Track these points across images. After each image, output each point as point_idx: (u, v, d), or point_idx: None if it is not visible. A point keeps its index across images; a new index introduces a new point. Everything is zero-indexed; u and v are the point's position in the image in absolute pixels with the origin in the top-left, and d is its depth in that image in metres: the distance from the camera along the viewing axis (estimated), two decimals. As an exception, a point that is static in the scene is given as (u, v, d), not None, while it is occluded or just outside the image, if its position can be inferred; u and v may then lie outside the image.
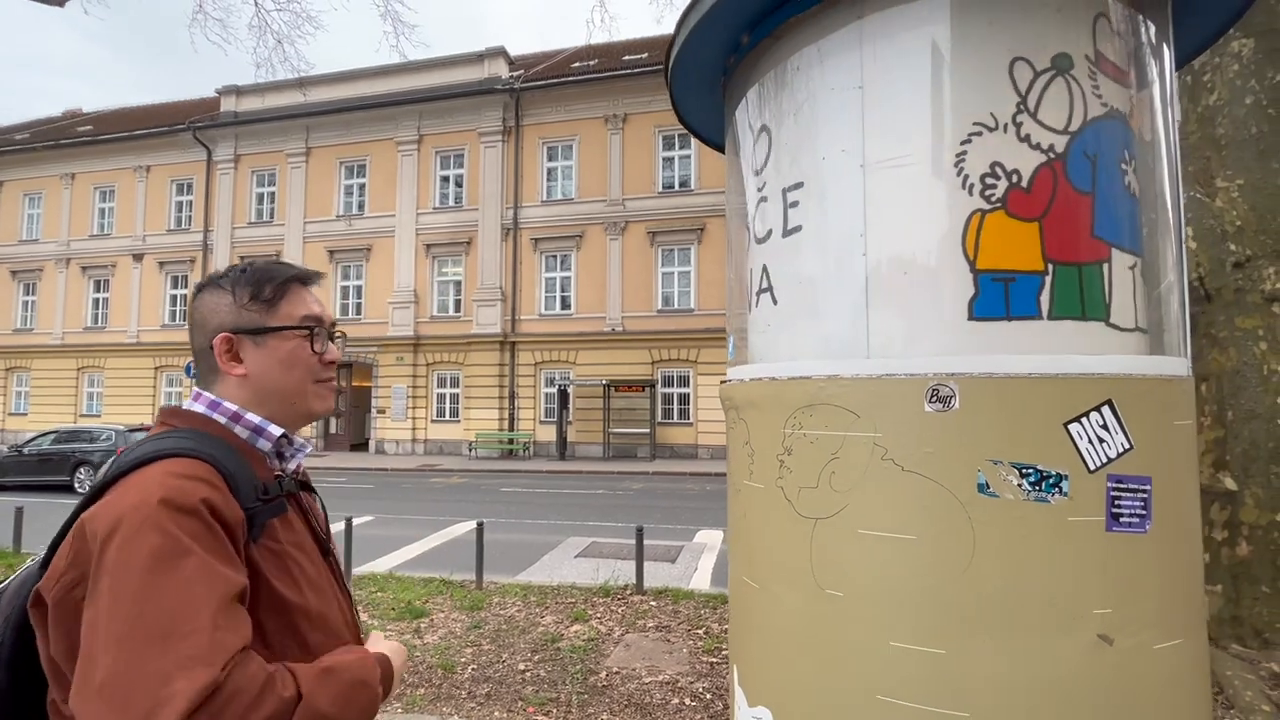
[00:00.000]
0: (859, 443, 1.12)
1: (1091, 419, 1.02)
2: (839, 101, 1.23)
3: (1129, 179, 1.13)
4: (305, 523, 0.91)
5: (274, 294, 0.91)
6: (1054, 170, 1.10)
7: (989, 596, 1.02)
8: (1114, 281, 1.10)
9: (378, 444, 19.73)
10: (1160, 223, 1.18)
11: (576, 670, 3.77)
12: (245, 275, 0.92)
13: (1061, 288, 1.09)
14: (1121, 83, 1.15)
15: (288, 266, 0.95)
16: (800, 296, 1.31)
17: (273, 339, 0.90)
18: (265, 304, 0.91)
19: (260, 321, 0.90)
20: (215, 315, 0.89)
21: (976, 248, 1.11)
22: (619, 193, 18.70)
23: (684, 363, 18.09)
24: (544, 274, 19.30)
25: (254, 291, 0.90)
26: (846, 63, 1.23)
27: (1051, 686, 1.00)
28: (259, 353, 0.90)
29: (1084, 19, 1.13)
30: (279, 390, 0.91)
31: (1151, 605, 1.04)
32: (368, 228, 20.40)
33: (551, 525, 9.07)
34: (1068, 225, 1.09)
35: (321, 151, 20.99)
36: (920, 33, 1.17)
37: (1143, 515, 1.03)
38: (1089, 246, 1.10)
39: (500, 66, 19.97)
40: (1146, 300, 1.16)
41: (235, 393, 0.89)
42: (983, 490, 1.03)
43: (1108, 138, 1.12)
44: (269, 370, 0.90)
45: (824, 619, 1.15)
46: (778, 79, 1.37)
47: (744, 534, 1.38)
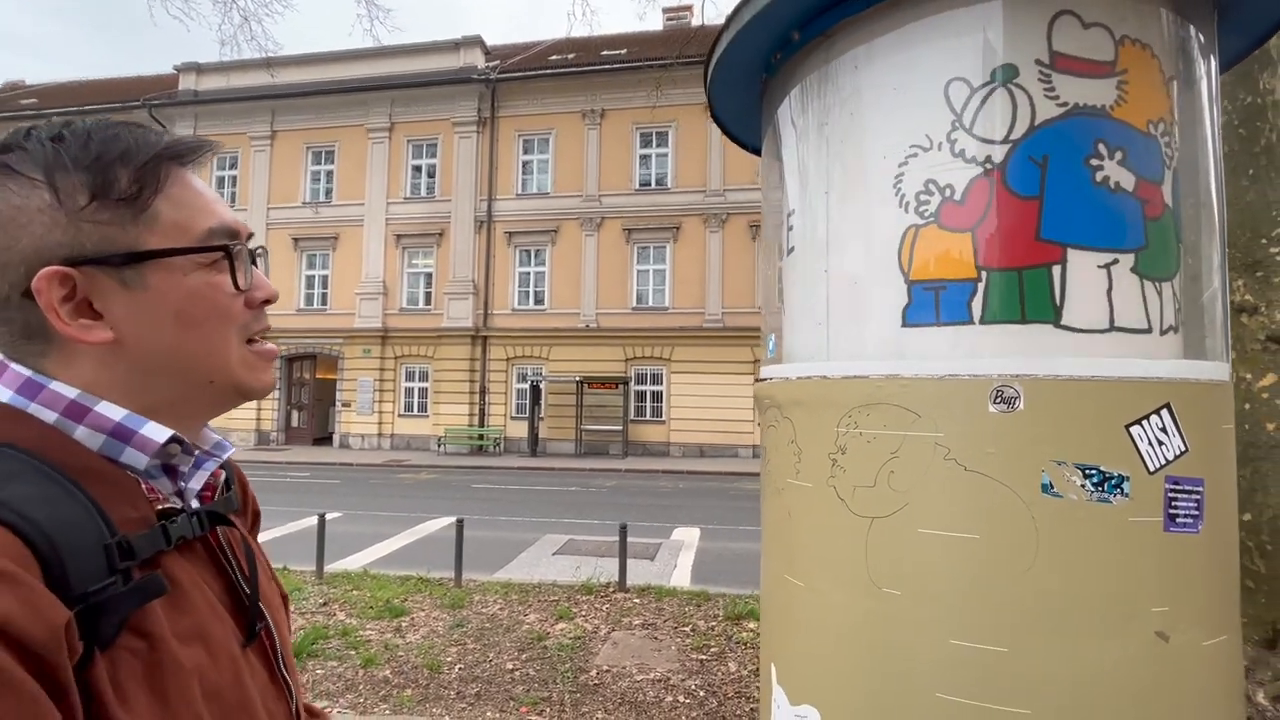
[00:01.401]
0: (920, 442, 1.12)
1: (1151, 421, 1.04)
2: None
3: (1105, 174, 1.13)
4: (220, 584, 0.56)
5: (139, 184, 0.52)
6: (991, 180, 1.15)
7: (1051, 595, 1.03)
8: (1072, 283, 1.12)
9: (342, 438, 19.24)
10: (1204, 225, 1.21)
11: (566, 669, 3.74)
12: (70, 148, 0.50)
13: (995, 293, 1.14)
14: (1094, 75, 1.15)
15: (143, 130, 0.55)
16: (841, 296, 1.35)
17: (157, 272, 0.52)
18: (126, 205, 0.51)
19: (129, 240, 0.51)
20: (22, 233, 0.48)
21: (910, 260, 1.21)
22: (595, 189, 18.61)
23: (657, 360, 18.13)
24: (517, 268, 19.08)
25: (99, 181, 0.50)
26: (817, 96, 1.38)
27: (1110, 683, 1.02)
28: (132, 299, 0.51)
29: (1038, 24, 1.16)
30: (179, 362, 0.54)
31: (1201, 603, 1.07)
32: (335, 216, 19.84)
33: (526, 523, 8.98)
34: (1006, 232, 1.14)
35: (288, 135, 20.31)
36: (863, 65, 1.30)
37: (1196, 516, 1.06)
38: (1034, 250, 1.13)
39: (476, 56, 19.64)
40: (1141, 297, 1.14)
41: (88, 370, 0.51)
42: (1046, 490, 1.04)
43: (1067, 137, 1.14)
44: (152, 329, 0.52)
45: (879, 617, 1.15)
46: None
47: (787, 533, 1.37)
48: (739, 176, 17.75)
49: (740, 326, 17.41)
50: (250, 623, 0.57)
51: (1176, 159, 1.19)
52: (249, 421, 19.45)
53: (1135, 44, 1.16)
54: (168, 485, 0.55)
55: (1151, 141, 1.15)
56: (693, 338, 17.75)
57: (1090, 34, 1.15)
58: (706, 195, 17.97)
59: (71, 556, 0.43)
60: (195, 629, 0.50)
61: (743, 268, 17.67)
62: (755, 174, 12.90)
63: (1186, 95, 1.22)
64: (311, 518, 6.47)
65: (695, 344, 17.75)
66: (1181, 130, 1.21)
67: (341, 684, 3.54)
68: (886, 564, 1.15)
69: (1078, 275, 1.12)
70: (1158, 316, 1.14)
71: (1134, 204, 1.13)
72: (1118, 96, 1.14)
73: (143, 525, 0.50)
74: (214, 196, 0.59)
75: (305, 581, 5.46)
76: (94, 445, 0.50)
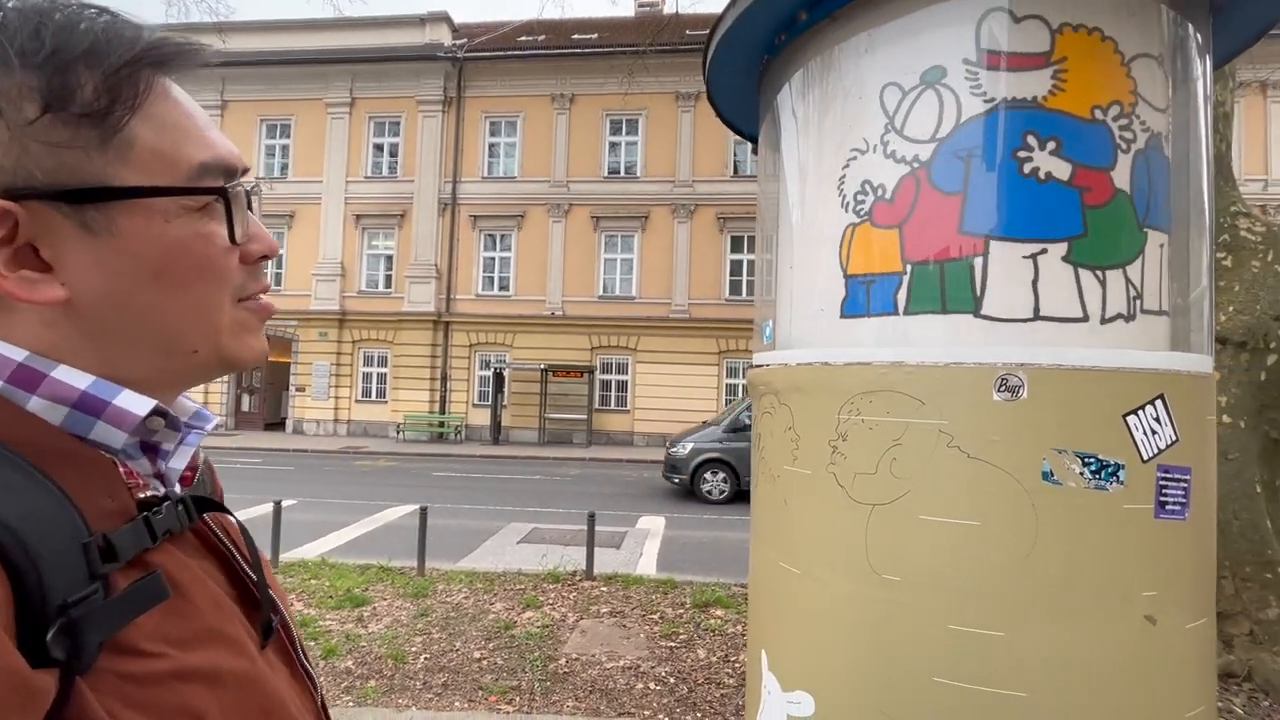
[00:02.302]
0: (923, 429, 1.12)
1: (1147, 411, 1.07)
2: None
3: (1035, 164, 1.15)
4: (223, 577, 0.49)
5: (111, 95, 0.39)
6: (917, 179, 1.21)
7: (1049, 580, 1.05)
8: (993, 274, 1.16)
9: (296, 424, 18.59)
10: (1194, 224, 1.25)
11: (535, 657, 3.70)
12: (14, 36, 0.37)
13: (918, 285, 1.20)
14: (1026, 68, 1.17)
15: (115, 20, 0.41)
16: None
17: (131, 216, 0.41)
18: (92, 123, 0.39)
19: (94, 170, 0.39)
20: None
21: (849, 257, 1.29)
22: (564, 174, 18.35)
23: (623, 350, 18.08)
24: (482, 253, 18.70)
25: (55, 86, 0.38)
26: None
27: (1101, 665, 1.05)
28: (97, 249, 0.40)
29: (966, 25, 1.19)
30: (156, 330, 0.44)
31: (1186, 588, 1.10)
32: (291, 192, 19.03)
33: (490, 511, 8.86)
34: (929, 227, 1.19)
35: (240, 106, 19.35)
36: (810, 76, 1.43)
37: (1183, 504, 1.09)
38: (955, 244, 1.18)
39: (443, 33, 19.05)
40: (1076, 285, 1.16)
41: (31, 332, 0.41)
42: (1047, 478, 1.06)
43: (993, 132, 1.17)
44: (127, 288, 0.42)
45: (878, 603, 1.15)
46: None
47: (781, 520, 1.36)
48: (708, 168, 17.77)
49: (706, 318, 17.50)
50: (265, 618, 0.49)
51: (1143, 139, 1.18)
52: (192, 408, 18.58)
53: (1079, 29, 1.16)
54: (146, 466, 0.45)
55: (1096, 127, 1.15)
56: (658, 328, 17.76)
57: (1024, 27, 1.17)
58: (675, 186, 17.94)
59: (48, 561, 0.34)
60: (204, 633, 0.42)
61: (709, 260, 17.74)
62: (724, 167, 13.15)
63: (1181, 94, 1.25)
64: (264, 506, 6.24)
65: (661, 334, 17.77)
66: (1174, 128, 1.24)
67: (301, 676, 3.41)
68: (887, 550, 1.15)
69: (999, 266, 1.16)
70: (1098, 305, 1.14)
71: (1069, 193, 1.15)
72: (1053, 86, 1.16)
73: (122, 518, 0.40)
74: (207, 120, 0.46)
75: (259, 571, 5.25)
76: (55, 420, 0.40)
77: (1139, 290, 1.16)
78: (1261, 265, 3.63)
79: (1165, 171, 1.21)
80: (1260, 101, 16.16)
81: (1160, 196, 1.19)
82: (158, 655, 0.38)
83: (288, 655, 0.51)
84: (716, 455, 9.86)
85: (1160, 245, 1.19)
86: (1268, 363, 3.49)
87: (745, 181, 17.51)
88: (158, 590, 0.39)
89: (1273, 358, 3.47)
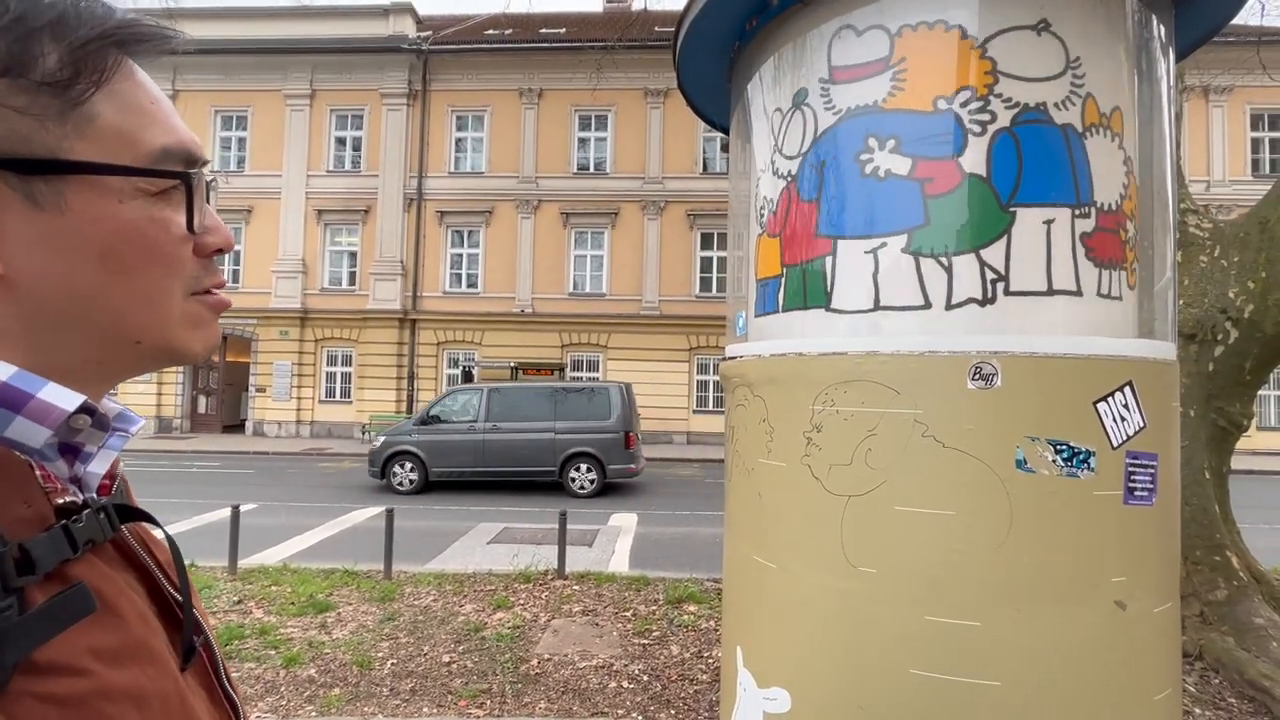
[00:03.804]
0: (898, 419, 1.11)
1: (1116, 398, 1.08)
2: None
3: (875, 164, 1.21)
4: (144, 591, 0.45)
5: (75, 68, 0.38)
6: (789, 191, 1.34)
7: (1023, 568, 1.05)
8: (839, 271, 1.24)
9: (256, 425, 18.00)
10: (1158, 218, 1.26)
11: (506, 659, 3.64)
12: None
13: (790, 286, 1.34)
14: (868, 76, 1.23)
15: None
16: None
17: (82, 192, 0.39)
18: (53, 94, 0.37)
19: (47, 141, 0.37)
20: None
21: (756, 263, 1.48)
22: (532, 170, 18.15)
23: (594, 347, 18.00)
24: (450, 249, 18.38)
25: (16, 53, 0.36)
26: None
27: (1073, 651, 1.05)
28: (40, 224, 0.38)
29: (820, 48, 1.30)
30: (97, 316, 0.41)
31: (1154, 572, 1.12)
32: (248, 187, 18.39)
33: (459, 511, 8.72)
34: (797, 233, 1.32)
35: (192, 96, 18.60)
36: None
37: (1151, 489, 1.10)
38: (812, 246, 1.29)
39: (407, 24, 18.64)
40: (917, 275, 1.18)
41: None
42: (1021, 466, 1.05)
43: (842, 139, 1.25)
44: (69, 268, 0.39)
45: (855, 595, 1.14)
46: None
47: (756, 514, 1.34)
48: (678, 165, 17.79)
49: (677, 315, 17.53)
50: (187, 638, 0.46)
51: (1007, 116, 1.16)
52: (148, 408, 17.87)
53: (920, 27, 1.20)
54: (63, 470, 0.42)
55: (941, 118, 1.17)
56: (629, 325, 17.72)
57: (865, 39, 1.24)
58: (645, 182, 17.91)
59: None
60: (132, 648, 0.39)
61: (680, 256, 17.77)
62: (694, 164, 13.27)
63: (1145, 89, 1.26)
64: (222, 510, 6.02)
65: (632, 331, 17.74)
66: (1140, 124, 1.25)
67: (261, 686, 3.29)
68: (863, 542, 1.14)
69: (845, 263, 1.24)
70: (943, 291, 1.16)
71: (908, 185, 1.18)
72: (892, 88, 1.21)
73: (38, 525, 0.37)
74: (170, 107, 0.45)
75: (216, 578, 5.05)
76: None
77: (1001, 272, 1.15)
78: (1209, 261, 3.77)
79: (1054, 141, 1.15)
80: (1203, 105, 16.90)
81: (1044, 169, 1.15)
82: (81, 673, 0.35)
83: (208, 679, 0.48)
84: (406, 448, 10.09)
85: (1046, 221, 1.15)
86: (1215, 354, 3.63)
87: (714, 179, 17.57)
88: (83, 603, 0.36)
89: (1220, 349, 3.61)
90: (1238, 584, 3.53)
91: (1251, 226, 3.60)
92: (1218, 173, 16.96)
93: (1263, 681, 3.00)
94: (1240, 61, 11.50)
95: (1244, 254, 3.59)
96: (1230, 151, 17.06)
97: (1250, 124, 17.09)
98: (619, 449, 10.08)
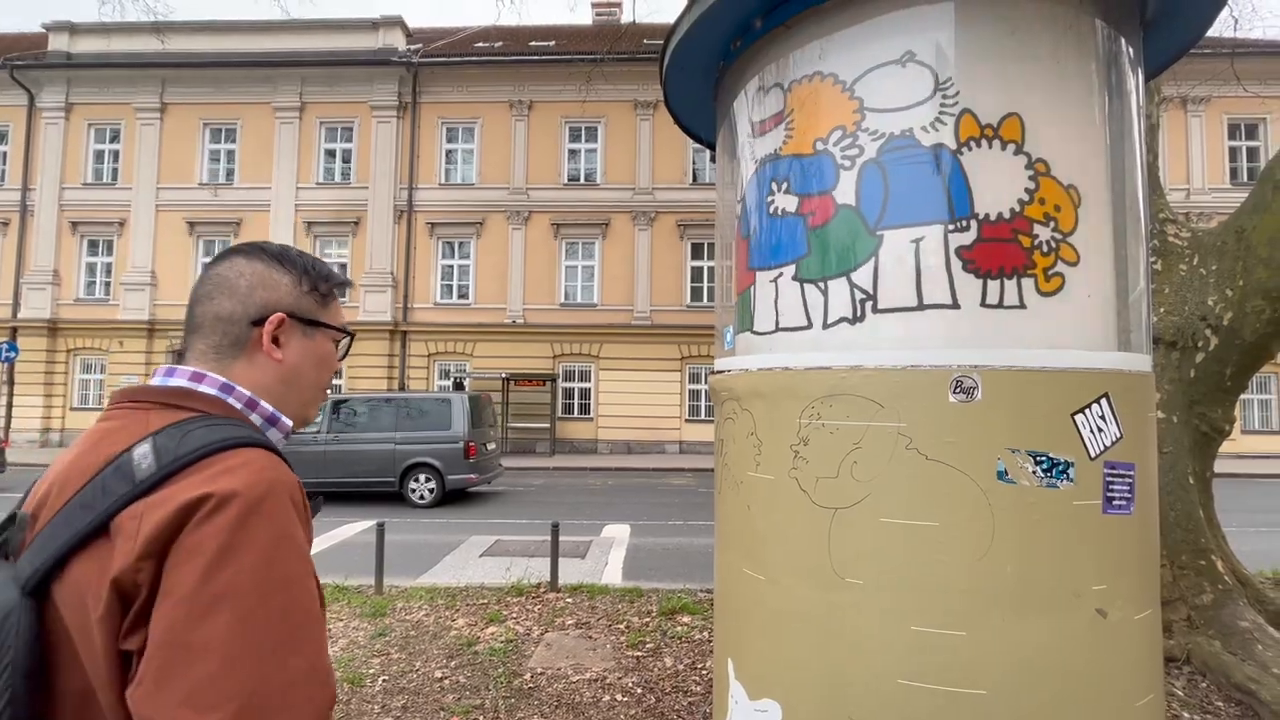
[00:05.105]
0: (883, 433, 1.13)
1: (1093, 410, 1.10)
2: None
3: (776, 204, 1.38)
4: None
5: (329, 291, 0.87)
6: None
7: (1006, 578, 1.07)
8: (757, 298, 1.41)
9: (244, 439, 17.83)
10: (1130, 230, 1.30)
11: (499, 674, 3.61)
12: (306, 261, 0.86)
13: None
14: (773, 128, 1.41)
15: (330, 268, 0.91)
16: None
17: (320, 335, 0.85)
18: (322, 299, 0.86)
19: (316, 313, 0.84)
20: (270, 291, 0.81)
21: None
22: (523, 181, 18.20)
23: (586, 357, 17.99)
24: (440, 261, 18.37)
25: (315, 281, 0.85)
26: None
27: (1055, 659, 1.07)
28: (304, 344, 0.83)
29: (744, 106, 1.49)
30: (305, 388, 0.84)
31: (1134, 580, 1.14)
32: (237, 199, 18.34)
33: (450, 524, 8.66)
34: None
35: (181, 109, 18.56)
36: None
37: (1129, 498, 1.13)
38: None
39: (397, 37, 18.71)
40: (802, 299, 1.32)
41: (254, 377, 0.78)
42: (1002, 477, 1.08)
43: (756, 184, 1.42)
44: (304, 364, 0.83)
45: (843, 607, 1.16)
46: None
47: (746, 527, 1.36)
48: (668, 176, 17.90)
49: (668, 324, 17.58)
50: None
51: (874, 148, 1.25)
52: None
53: (806, 80, 1.35)
54: None
55: (819, 159, 1.31)
56: (621, 335, 17.75)
57: (769, 96, 1.41)
58: (635, 193, 18.00)
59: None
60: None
61: (670, 266, 17.85)
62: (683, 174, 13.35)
63: (1115, 104, 1.30)
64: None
65: (623, 341, 17.76)
66: (1111, 141, 1.29)
67: (250, 705, 3.24)
68: (849, 554, 1.15)
69: (759, 291, 1.40)
70: (820, 312, 1.28)
71: (796, 221, 1.33)
72: (786, 136, 1.37)
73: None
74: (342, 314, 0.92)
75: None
76: (258, 423, 0.79)
77: (869, 292, 1.22)
78: (1188, 269, 3.84)
79: (922, 162, 1.20)
80: (1181, 115, 17.25)
81: (911, 191, 1.20)
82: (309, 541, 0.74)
83: None
84: None
85: (915, 240, 1.19)
86: (1196, 360, 3.69)
87: (704, 189, 17.69)
88: (317, 507, 0.80)
89: (1201, 356, 3.68)
90: (1223, 588, 3.57)
91: (1228, 235, 3.67)
92: (1197, 181, 17.30)
93: (1249, 684, 3.04)
94: (1216, 72, 11.77)
95: (1222, 262, 3.66)
96: (1209, 160, 17.42)
97: (1228, 133, 17.48)
98: (459, 459, 10.06)
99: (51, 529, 0.62)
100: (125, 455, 0.64)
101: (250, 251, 0.82)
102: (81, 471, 0.65)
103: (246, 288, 0.79)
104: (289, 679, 0.59)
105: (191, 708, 0.53)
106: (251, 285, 0.79)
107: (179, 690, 0.54)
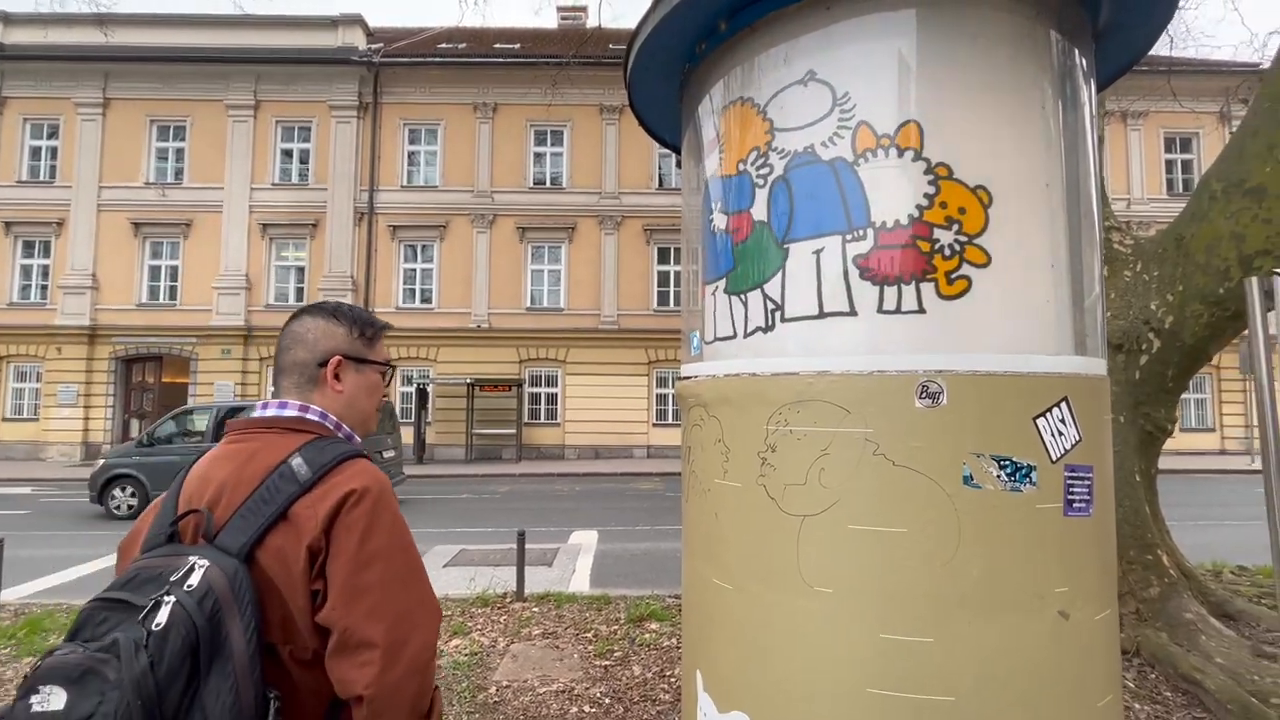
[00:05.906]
0: (850, 439, 1.13)
1: (1053, 413, 1.12)
2: None
3: (714, 223, 1.47)
4: None
5: (373, 335, 1.14)
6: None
7: (971, 583, 1.07)
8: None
9: (194, 449, 17.09)
10: (1085, 237, 1.32)
11: (463, 688, 3.51)
12: (355, 314, 1.14)
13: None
14: (710, 153, 1.50)
15: (375, 317, 1.19)
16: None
17: (368, 369, 1.13)
18: (368, 341, 1.13)
19: (364, 353, 1.12)
20: (329, 340, 1.09)
21: None
22: (487, 184, 17.99)
23: (552, 362, 17.85)
24: (403, 264, 17.99)
25: (362, 329, 1.12)
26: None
27: (1019, 662, 1.08)
28: (356, 377, 1.11)
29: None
30: (361, 409, 1.12)
31: (1093, 581, 1.16)
32: (187, 199, 17.63)
33: (414, 534, 8.42)
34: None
35: (126, 105, 17.77)
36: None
37: (1088, 500, 1.15)
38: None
39: (357, 36, 18.30)
40: (729, 310, 1.43)
41: (327, 404, 1.07)
42: (967, 482, 1.08)
43: (703, 204, 1.53)
44: (358, 392, 1.11)
45: (811, 616, 1.14)
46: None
47: (713, 535, 1.33)
48: (634, 181, 17.94)
49: (635, 329, 17.58)
50: None
51: (781, 165, 1.30)
52: (74, 434, 16.77)
53: (733, 106, 1.42)
54: None
55: (740, 179, 1.39)
56: (588, 339, 17.67)
57: (708, 123, 1.49)
58: (602, 197, 17.98)
59: None
60: None
61: (637, 271, 17.86)
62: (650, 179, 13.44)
63: (1070, 115, 1.33)
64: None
65: (590, 346, 17.68)
66: (1066, 150, 1.31)
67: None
68: (818, 562, 1.14)
69: (706, 303, 1.49)
70: (742, 323, 1.37)
71: (725, 238, 1.42)
72: (720, 159, 1.44)
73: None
74: (383, 344, 1.20)
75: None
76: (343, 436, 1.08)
77: (778, 302, 1.29)
78: (1132, 275, 4.01)
79: (822, 176, 1.24)
80: (1121, 129, 18.12)
81: (813, 205, 1.24)
82: None
83: None
84: (126, 471, 9.66)
85: (816, 251, 1.23)
86: (1141, 363, 3.84)
87: (671, 194, 17.78)
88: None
89: (1145, 358, 3.83)
90: (1169, 581, 3.71)
91: (1169, 243, 3.84)
92: (1137, 191, 18.18)
93: (1194, 674, 3.16)
94: (1154, 89, 12.36)
95: (1163, 268, 3.82)
96: (1147, 172, 18.33)
97: (1164, 146, 18.44)
98: None
99: (242, 517, 0.90)
100: (285, 465, 0.94)
101: (314, 311, 1.11)
102: (250, 478, 0.93)
103: (313, 339, 1.07)
104: (419, 600, 0.93)
105: (368, 617, 0.86)
106: (316, 338, 1.08)
107: (360, 609, 0.86)
